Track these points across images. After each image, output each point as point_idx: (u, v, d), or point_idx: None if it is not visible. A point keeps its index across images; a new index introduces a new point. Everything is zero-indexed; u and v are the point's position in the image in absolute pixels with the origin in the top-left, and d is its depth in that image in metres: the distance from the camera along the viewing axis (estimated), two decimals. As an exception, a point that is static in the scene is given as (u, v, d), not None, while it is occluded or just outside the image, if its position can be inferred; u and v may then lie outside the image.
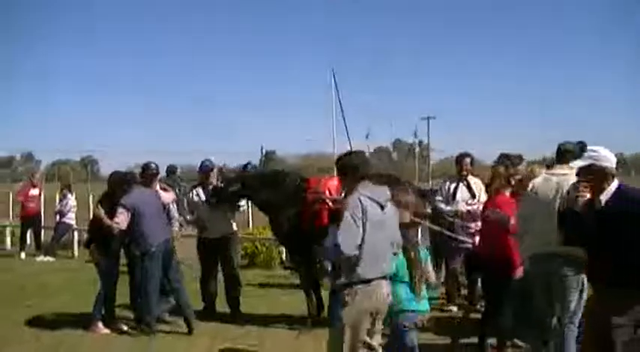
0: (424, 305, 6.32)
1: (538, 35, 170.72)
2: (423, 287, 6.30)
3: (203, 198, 9.81)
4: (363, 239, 5.37)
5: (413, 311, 6.21)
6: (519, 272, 7.05)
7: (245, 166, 10.21)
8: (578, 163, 5.17)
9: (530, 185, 6.73)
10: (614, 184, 5.07)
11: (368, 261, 5.41)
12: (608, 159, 5.08)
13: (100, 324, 9.13)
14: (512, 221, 7.07)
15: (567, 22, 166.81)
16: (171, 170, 13.83)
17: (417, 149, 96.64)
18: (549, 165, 7.43)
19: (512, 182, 7.63)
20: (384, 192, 5.76)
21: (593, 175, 5.05)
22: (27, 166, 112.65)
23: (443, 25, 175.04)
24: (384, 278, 5.58)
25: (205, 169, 10.00)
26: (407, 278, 6.19)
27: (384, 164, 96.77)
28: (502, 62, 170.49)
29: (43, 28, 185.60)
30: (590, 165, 5.07)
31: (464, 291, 10.37)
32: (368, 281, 5.44)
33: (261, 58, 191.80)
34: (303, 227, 8.74)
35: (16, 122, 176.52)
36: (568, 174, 6.45)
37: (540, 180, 6.73)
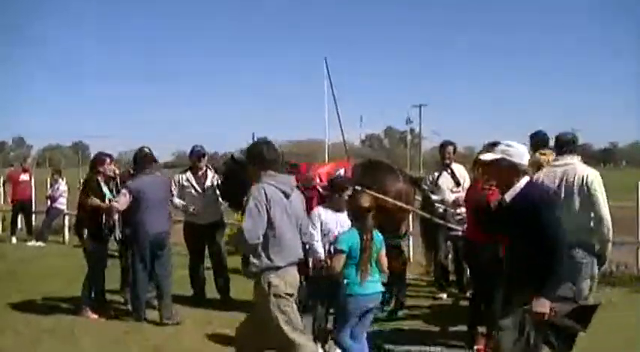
0: (371, 288, 6.44)
1: (536, 20, 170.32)
2: (374, 271, 6.48)
3: (194, 183, 9.81)
4: (271, 226, 5.56)
5: (359, 294, 6.37)
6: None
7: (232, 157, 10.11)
8: (489, 156, 5.13)
9: (536, 176, 6.76)
10: (524, 180, 5.04)
11: (276, 248, 5.61)
12: (520, 155, 5.05)
13: (89, 310, 9.15)
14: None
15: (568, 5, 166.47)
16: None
17: (409, 137, 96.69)
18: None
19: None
20: (289, 181, 5.90)
21: (501, 169, 5.03)
22: (18, 151, 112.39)
23: (437, 11, 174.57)
24: (294, 264, 5.78)
25: (197, 154, 9.96)
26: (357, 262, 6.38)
27: (376, 151, 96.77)
28: (497, 50, 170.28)
29: (36, 10, 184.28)
30: (499, 160, 5.03)
31: (452, 278, 10.43)
32: (277, 268, 5.62)
33: (253, 44, 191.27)
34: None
35: (8, 107, 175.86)
36: (570, 164, 6.72)
37: (546, 171, 6.85)
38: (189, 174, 9.94)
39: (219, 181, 9.76)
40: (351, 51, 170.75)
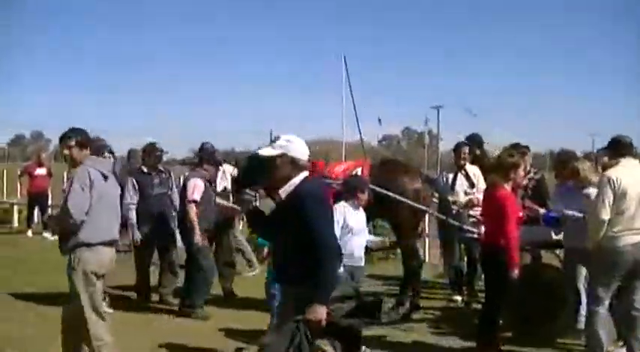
0: None
1: (555, 24, 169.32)
2: None
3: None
4: (90, 206, 5.93)
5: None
6: (515, 270, 6.94)
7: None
8: (268, 151, 4.93)
9: (614, 176, 6.77)
10: (301, 176, 4.91)
11: (92, 226, 5.94)
12: (299, 150, 4.91)
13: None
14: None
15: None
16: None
17: (427, 138, 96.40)
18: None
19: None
20: (108, 164, 6.34)
21: (282, 165, 4.87)
22: (36, 145, 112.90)
23: (458, 11, 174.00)
24: (108, 244, 6.14)
25: (209, 151, 9.81)
26: None
27: (393, 152, 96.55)
28: (515, 53, 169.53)
29: (54, 4, 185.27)
30: (280, 155, 4.87)
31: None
32: (89, 245, 5.98)
33: (272, 42, 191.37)
34: None
35: (27, 100, 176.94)
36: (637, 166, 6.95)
37: (621, 171, 6.84)
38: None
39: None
40: (370, 50, 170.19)
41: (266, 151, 4.92)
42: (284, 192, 4.88)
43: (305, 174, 4.90)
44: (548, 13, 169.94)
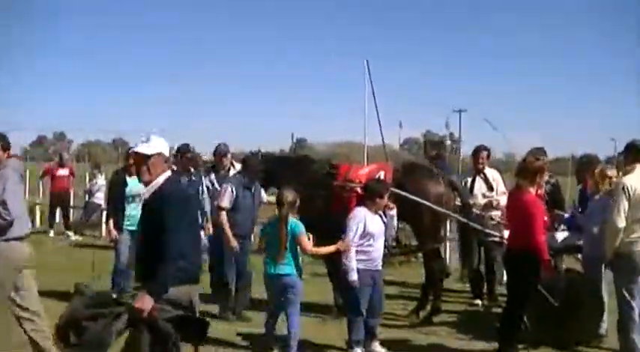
0: (284, 269, 7.19)
1: (578, 26, 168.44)
2: (288, 254, 7.18)
3: (216, 183, 9.72)
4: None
5: (273, 275, 7.24)
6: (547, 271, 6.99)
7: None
8: (145, 148, 4.97)
9: (628, 183, 6.83)
10: (165, 175, 4.97)
11: (17, 222, 6.23)
12: (166, 149, 5.03)
13: None
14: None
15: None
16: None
17: (448, 141, 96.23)
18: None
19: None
20: (20, 165, 6.77)
21: (155, 163, 4.93)
22: (58, 146, 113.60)
23: (481, 15, 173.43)
24: (22, 239, 6.42)
25: (221, 153, 9.92)
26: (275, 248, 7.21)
27: (414, 155, 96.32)
28: (539, 56, 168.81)
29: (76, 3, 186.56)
30: (158, 154, 4.96)
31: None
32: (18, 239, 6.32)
33: (295, 46, 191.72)
34: (332, 212, 8.68)
35: (49, 101, 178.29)
36: None
37: (636, 177, 6.90)
38: (212, 175, 9.87)
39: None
40: (392, 53, 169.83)
41: (143, 149, 4.99)
42: (149, 190, 5.00)
43: (169, 173, 5.04)
44: (573, 16, 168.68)
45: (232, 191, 8.76)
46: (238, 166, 9.74)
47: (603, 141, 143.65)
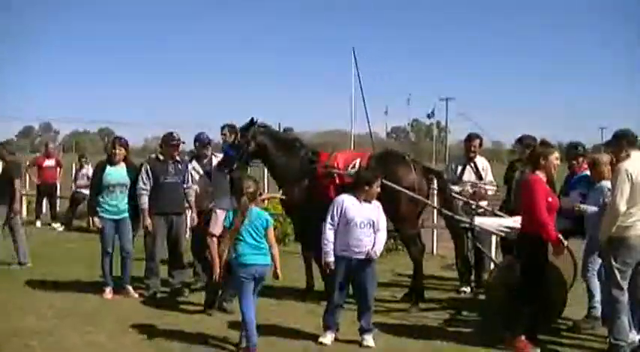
0: (257, 259, 7.16)
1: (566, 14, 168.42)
2: (262, 244, 7.20)
3: (200, 171, 9.80)
4: None
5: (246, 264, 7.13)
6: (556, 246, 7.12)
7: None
8: None
9: (630, 168, 6.92)
10: None
11: None
12: None
13: (107, 289, 9.39)
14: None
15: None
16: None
17: (435, 130, 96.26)
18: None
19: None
20: None
21: None
22: (45, 136, 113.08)
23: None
24: None
25: (204, 141, 9.99)
26: (250, 239, 7.16)
27: (401, 144, 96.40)
28: (527, 47, 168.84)
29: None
30: None
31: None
32: None
33: (280, 35, 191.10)
34: (313, 199, 9.01)
35: (35, 91, 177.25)
36: None
37: (633, 163, 6.98)
38: (194, 163, 9.91)
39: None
40: (378, 40, 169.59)
41: None
42: None
43: None
44: (559, 12, 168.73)
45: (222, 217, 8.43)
46: (220, 156, 9.81)
47: (591, 130, 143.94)
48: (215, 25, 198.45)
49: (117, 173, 9.40)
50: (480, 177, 10.06)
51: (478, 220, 8.78)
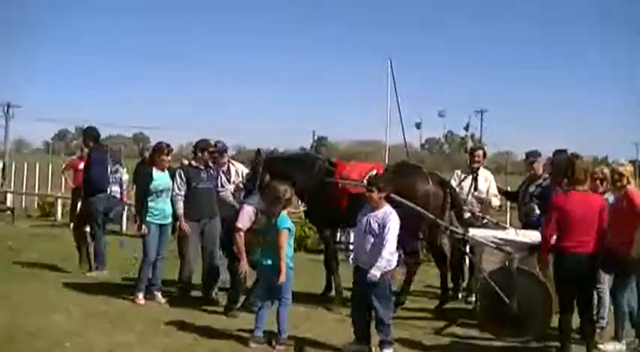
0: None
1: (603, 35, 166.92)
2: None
3: (245, 170, 10.12)
4: None
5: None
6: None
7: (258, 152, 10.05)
8: None
9: None
10: None
11: None
12: None
13: (140, 295, 9.37)
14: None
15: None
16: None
17: (470, 143, 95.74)
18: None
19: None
20: None
21: None
22: (80, 140, 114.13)
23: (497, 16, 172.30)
24: None
25: (220, 150, 10.20)
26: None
27: (434, 156, 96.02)
28: (562, 62, 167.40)
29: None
30: None
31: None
32: None
33: (318, 45, 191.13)
34: (331, 207, 9.28)
35: (70, 95, 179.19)
36: None
37: None
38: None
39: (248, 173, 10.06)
40: (415, 52, 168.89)
41: None
42: None
43: None
44: (598, 25, 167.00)
45: (253, 213, 8.46)
46: (238, 165, 9.92)
47: (626, 145, 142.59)
48: (254, 34, 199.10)
49: (163, 178, 9.53)
50: (475, 188, 10.23)
51: (472, 232, 8.76)
